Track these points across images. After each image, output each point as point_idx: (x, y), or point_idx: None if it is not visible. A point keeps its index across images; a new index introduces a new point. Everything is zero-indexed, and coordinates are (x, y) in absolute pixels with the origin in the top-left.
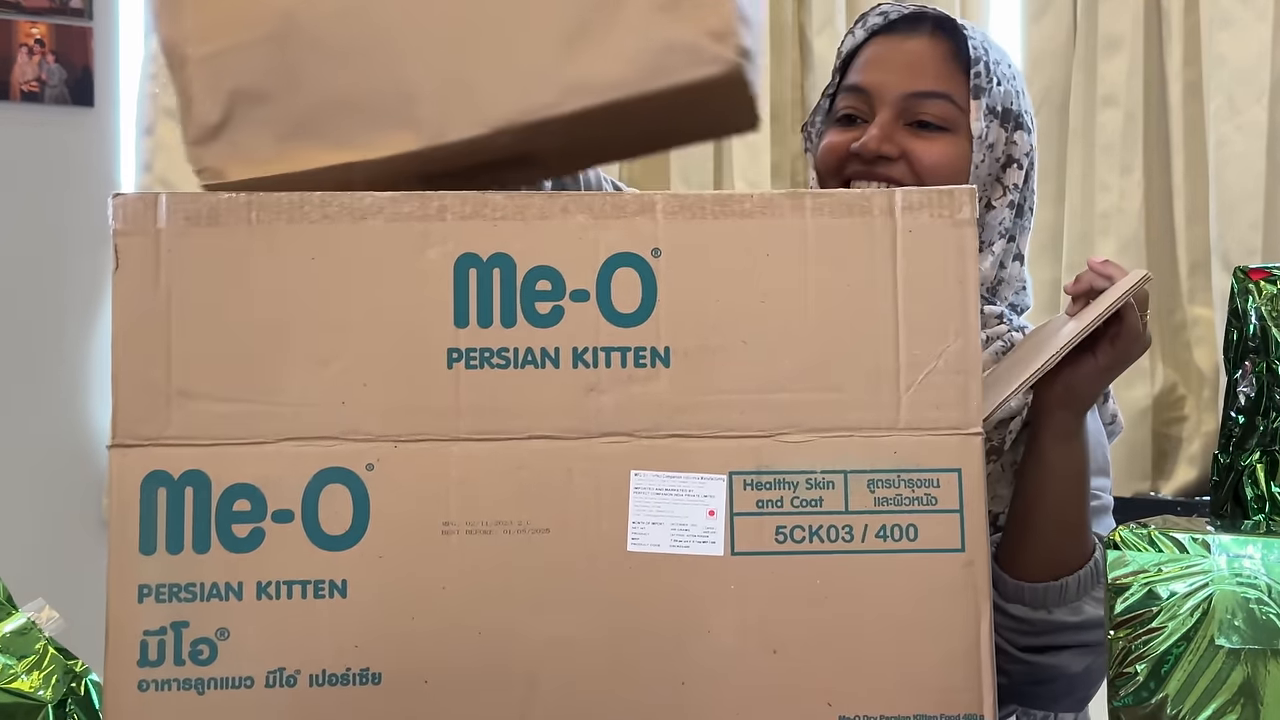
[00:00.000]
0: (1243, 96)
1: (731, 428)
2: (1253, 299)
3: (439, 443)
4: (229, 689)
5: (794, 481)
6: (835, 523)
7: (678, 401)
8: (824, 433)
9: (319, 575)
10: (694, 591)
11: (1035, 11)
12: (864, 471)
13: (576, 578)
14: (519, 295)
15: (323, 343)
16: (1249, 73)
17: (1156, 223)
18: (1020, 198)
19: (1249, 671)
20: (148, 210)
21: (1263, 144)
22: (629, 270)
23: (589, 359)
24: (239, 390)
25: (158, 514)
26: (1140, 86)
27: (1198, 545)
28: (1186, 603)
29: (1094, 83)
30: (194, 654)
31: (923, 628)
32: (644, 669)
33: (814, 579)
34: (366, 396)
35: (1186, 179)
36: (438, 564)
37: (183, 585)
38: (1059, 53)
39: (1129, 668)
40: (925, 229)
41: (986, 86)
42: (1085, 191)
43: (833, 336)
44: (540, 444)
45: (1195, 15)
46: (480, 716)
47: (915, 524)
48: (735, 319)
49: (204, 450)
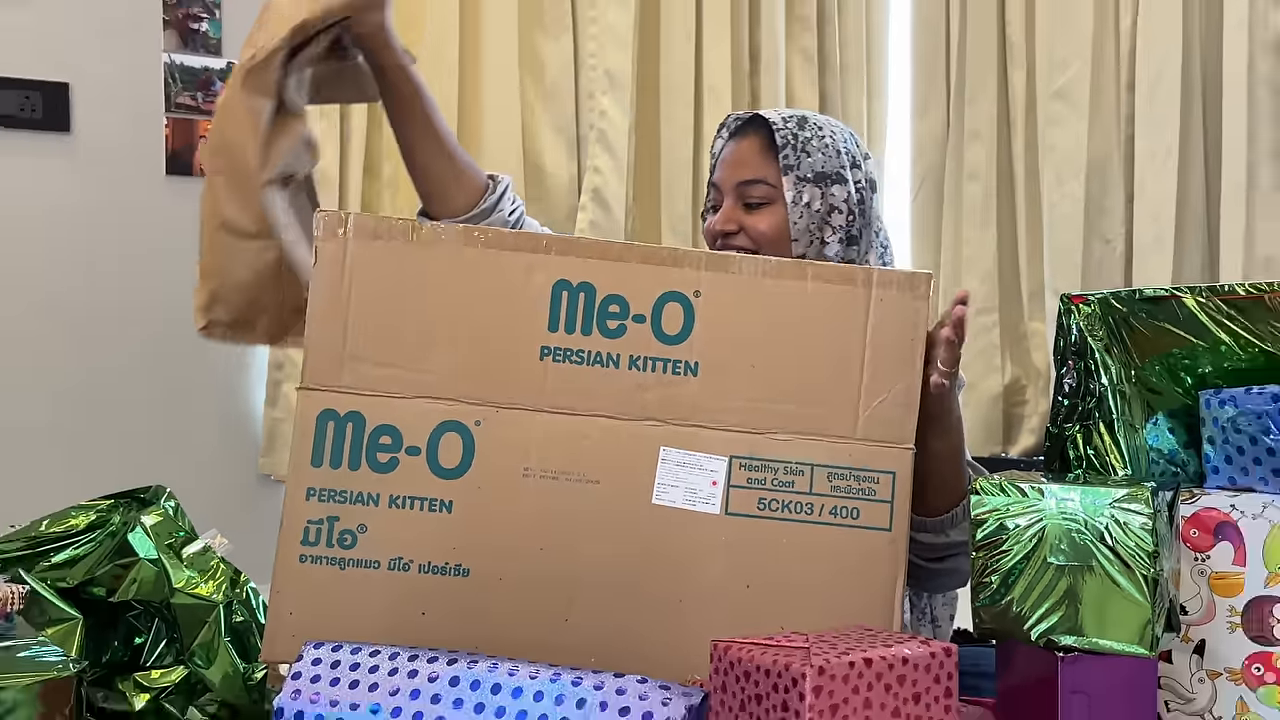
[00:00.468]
0: (1066, 175)
1: (736, 424)
2: (1074, 317)
3: (528, 412)
4: (361, 568)
5: (776, 467)
6: (801, 500)
7: (700, 402)
8: (802, 436)
9: (433, 495)
10: (695, 538)
11: (919, 112)
12: (826, 466)
13: (615, 518)
14: (596, 314)
15: (452, 331)
16: (1071, 157)
17: (1006, 264)
18: (854, 230)
19: (1071, 581)
20: (339, 225)
21: (1081, 208)
22: (676, 304)
23: (640, 365)
24: (391, 358)
25: (326, 439)
26: (994, 167)
27: (1035, 491)
28: (1026, 532)
29: (961, 164)
30: (340, 540)
31: (855, 580)
32: (654, 587)
33: (782, 538)
34: (479, 373)
35: (1027, 233)
36: (518, 497)
37: (337, 491)
38: (937, 142)
39: (986, 579)
40: (893, 299)
41: (795, 163)
42: (955, 242)
43: (816, 368)
44: (600, 421)
45: (1034, 115)
46: (537, 606)
47: (858, 507)
48: (748, 348)
49: (362, 398)
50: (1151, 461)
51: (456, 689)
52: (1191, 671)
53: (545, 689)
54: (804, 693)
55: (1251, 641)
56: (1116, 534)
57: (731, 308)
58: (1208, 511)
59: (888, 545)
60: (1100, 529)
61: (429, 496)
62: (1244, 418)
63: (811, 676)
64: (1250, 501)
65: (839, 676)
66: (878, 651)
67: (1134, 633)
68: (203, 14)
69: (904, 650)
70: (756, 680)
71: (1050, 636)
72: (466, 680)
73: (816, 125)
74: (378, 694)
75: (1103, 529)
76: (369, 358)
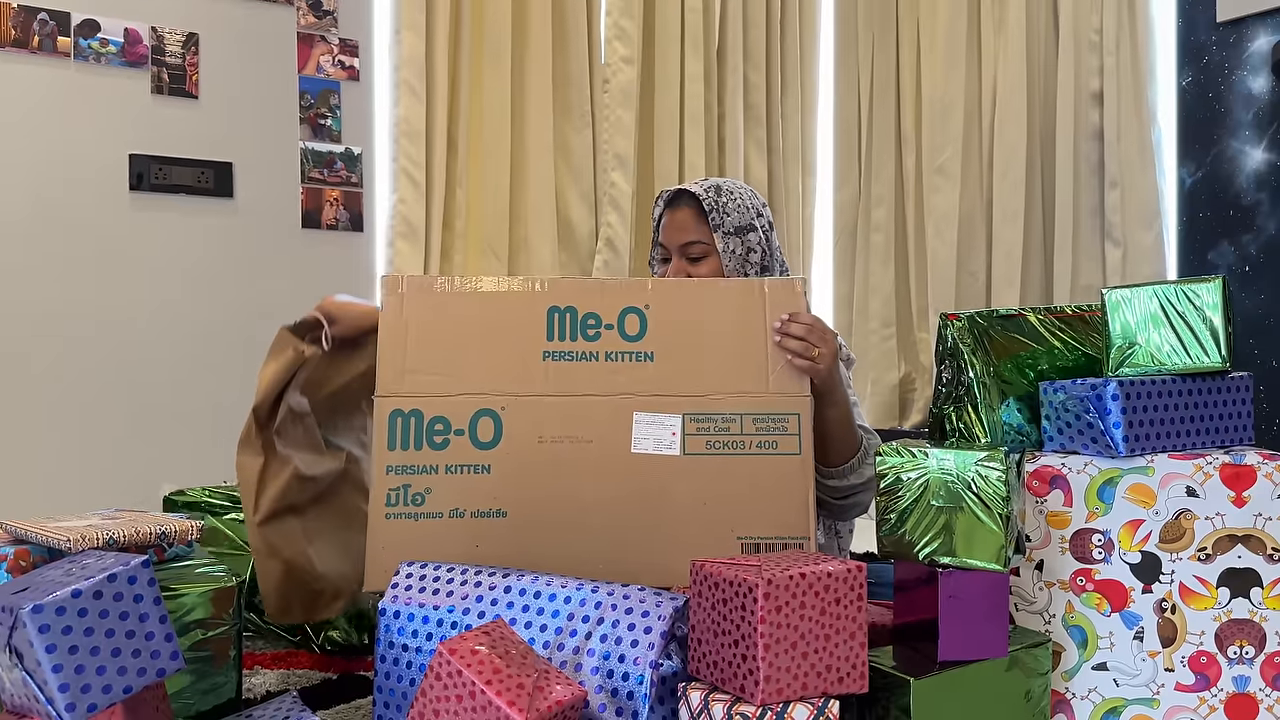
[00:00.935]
0: (944, 228)
1: (685, 392)
2: (949, 329)
3: (537, 397)
4: (429, 519)
5: (715, 418)
6: (736, 439)
7: (658, 379)
8: (730, 395)
9: (476, 462)
10: (665, 473)
11: (839, 184)
12: (750, 414)
13: (608, 465)
14: (579, 326)
15: (481, 347)
16: (947, 216)
17: (900, 291)
18: (765, 262)
19: (947, 518)
20: (398, 283)
21: (954, 252)
22: (634, 314)
23: (613, 357)
24: (438, 369)
25: (396, 430)
26: (893, 223)
27: (921, 454)
28: (916, 483)
29: (869, 221)
30: (413, 500)
31: (777, 492)
32: (640, 515)
33: (725, 467)
34: (501, 374)
35: (915, 269)
36: (537, 458)
37: (408, 466)
38: (852, 205)
39: (887, 516)
40: (779, 299)
41: (720, 223)
42: (864, 276)
43: (736, 349)
44: (589, 398)
45: (920, 185)
46: (560, 539)
47: (776, 440)
48: (687, 339)
49: (419, 399)
50: (1005, 432)
51: (509, 595)
52: (1033, 582)
53: (572, 595)
54: (757, 598)
55: (1076, 561)
56: (979, 484)
57: (673, 314)
58: (1045, 468)
59: (800, 464)
60: (968, 480)
61: (473, 463)
62: (1071, 401)
63: (762, 586)
64: (1075, 461)
65: (782, 586)
66: (810, 568)
67: (992, 554)
68: (327, 112)
69: (828, 567)
70: (723, 589)
71: (933, 557)
72: (516, 589)
73: (729, 190)
74: (453, 599)
75: (969, 480)
76: (422, 370)
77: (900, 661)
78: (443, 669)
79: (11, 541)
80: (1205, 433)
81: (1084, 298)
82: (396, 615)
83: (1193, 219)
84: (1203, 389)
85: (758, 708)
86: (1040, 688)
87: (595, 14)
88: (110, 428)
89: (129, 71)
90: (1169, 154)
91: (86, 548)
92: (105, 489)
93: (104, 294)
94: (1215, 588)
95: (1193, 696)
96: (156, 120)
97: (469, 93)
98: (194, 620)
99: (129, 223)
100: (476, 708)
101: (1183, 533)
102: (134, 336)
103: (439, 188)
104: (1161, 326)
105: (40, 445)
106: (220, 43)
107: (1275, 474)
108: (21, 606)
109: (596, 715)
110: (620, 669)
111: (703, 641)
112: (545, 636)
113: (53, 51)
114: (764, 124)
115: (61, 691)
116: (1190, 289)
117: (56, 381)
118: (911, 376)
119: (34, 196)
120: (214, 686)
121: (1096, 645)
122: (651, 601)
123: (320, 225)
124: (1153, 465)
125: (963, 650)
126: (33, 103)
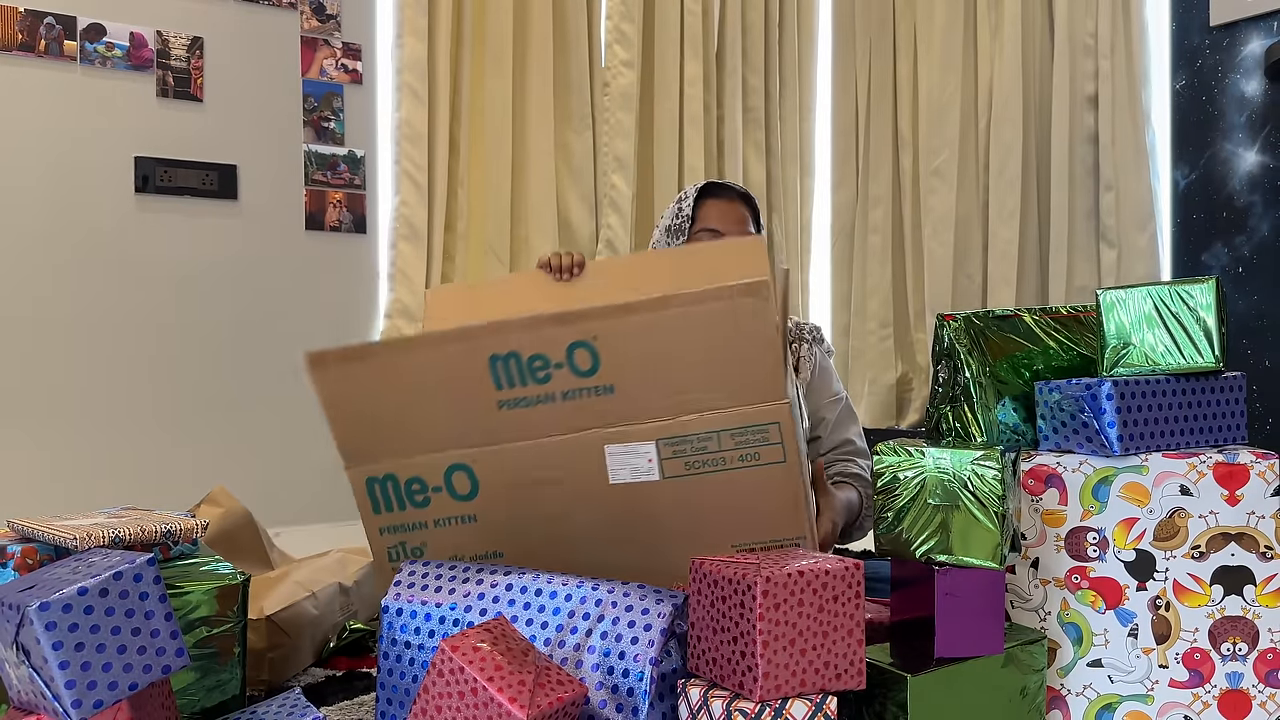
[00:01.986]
0: (941, 229)
1: (653, 417)
2: (946, 329)
3: (505, 445)
4: None
5: (691, 439)
6: (715, 457)
7: (622, 409)
8: (701, 413)
9: (461, 513)
10: (648, 500)
11: (836, 185)
12: (726, 430)
13: (590, 500)
14: (526, 371)
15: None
16: (944, 217)
17: (898, 292)
18: None
19: (944, 516)
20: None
21: (951, 252)
22: (583, 349)
23: (572, 394)
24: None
25: (376, 495)
26: (890, 224)
27: (919, 453)
28: (912, 481)
29: (866, 222)
30: (413, 554)
31: (767, 500)
32: (632, 539)
33: (709, 485)
34: (463, 430)
35: (912, 270)
36: (519, 502)
37: (398, 525)
38: (849, 207)
39: (884, 514)
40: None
41: (755, 213)
42: (862, 277)
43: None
44: (557, 440)
45: (918, 187)
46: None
47: (757, 452)
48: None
49: (389, 464)
50: (1000, 431)
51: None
52: (1029, 580)
53: (573, 593)
54: (756, 595)
55: (1071, 559)
56: (975, 483)
57: (625, 341)
58: (1040, 467)
59: (785, 471)
60: (964, 479)
61: (458, 514)
62: (1066, 401)
63: (761, 584)
64: (1070, 460)
65: (780, 584)
66: (808, 566)
67: (988, 552)
68: (330, 116)
69: (826, 565)
70: (722, 587)
71: (929, 555)
72: (518, 587)
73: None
74: (455, 596)
75: (966, 479)
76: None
77: (897, 658)
78: (445, 665)
79: (18, 539)
80: (1199, 432)
81: (1079, 298)
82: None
83: (1186, 221)
84: (1196, 389)
85: (756, 704)
86: (1035, 684)
87: (595, 18)
88: (114, 428)
89: (134, 75)
90: (1163, 156)
91: (93, 546)
92: (110, 488)
93: (109, 295)
94: (1209, 585)
95: (1186, 693)
96: (162, 123)
97: (470, 96)
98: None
99: (134, 224)
100: (478, 704)
101: (1176, 531)
102: (138, 337)
103: (441, 190)
104: (1155, 327)
105: (45, 445)
106: (225, 46)
107: (1268, 473)
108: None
109: (597, 712)
110: (620, 666)
111: (702, 639)
112: (546, 634)
113: (59, 55)
114: (763, 126)
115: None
116: (1184, 290)
117: (61, 382)
118: (908, 376)
119: (40, 199)
120: (219, 683)
121: (1091, 642)
122: (651, 599)
123: (324, 227)
124: (1147, 464)
125: (959, 647)
126: (39, 106)
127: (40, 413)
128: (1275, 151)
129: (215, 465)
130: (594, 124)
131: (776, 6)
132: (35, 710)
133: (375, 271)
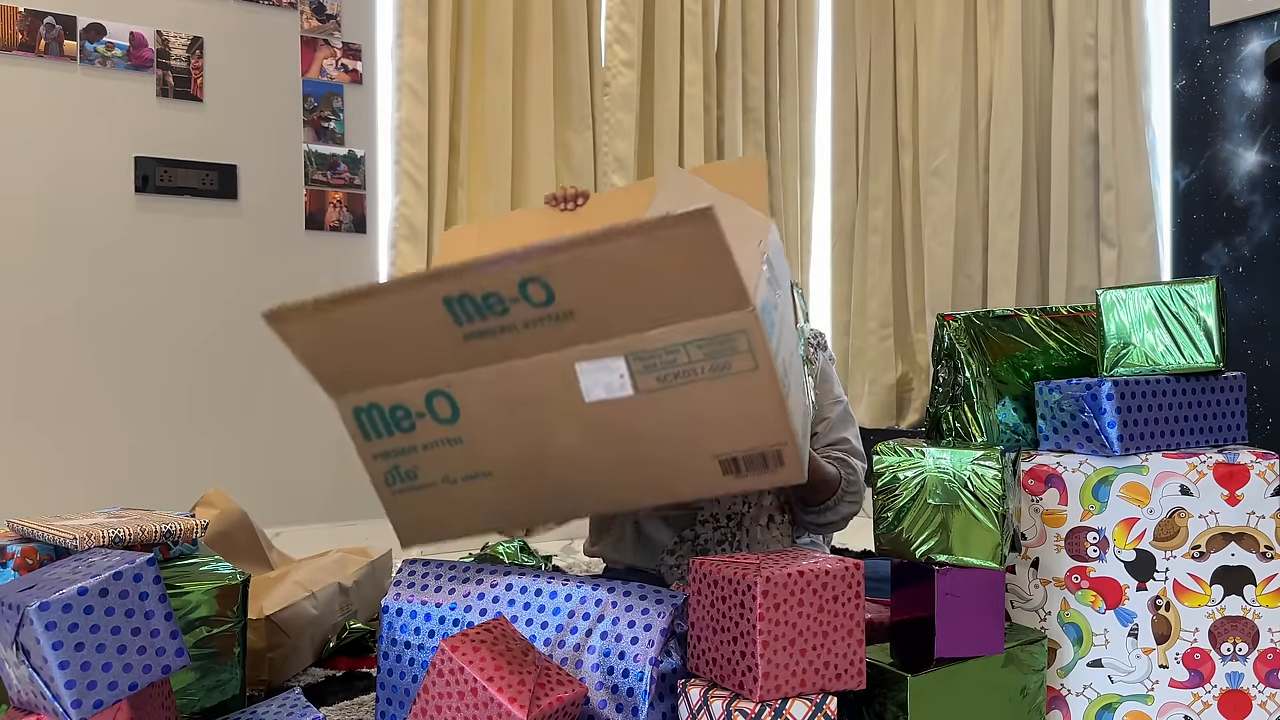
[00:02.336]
0: (941, 229)
1: (618, 333)
2: (946, 329)
3: (477, 368)
4: (430, 488)
5: (658, 353)
6: (685, 369)
7: (586, 330)
8: (666, 326)
9: (446, 437)
10: (626, 413)
11: (836, 185)
12: (693, 341)
13: (569, 419)
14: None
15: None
16: (944, 217)
17: (898, 292)
18: None
19: (944, 516)
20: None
21: (951, 252)
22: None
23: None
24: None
25: (364, 423)
26: (889, 224)
27: (919, 453)
28: (912, 481)
29: (866, 222)
30: (407, 476)
31: (744, 406)
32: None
33: (683, 395)
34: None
35: (912, 270)
36: (498, 422)
37: (389, 451)
38: (849, 207)
39: (884, 514)
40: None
41: None
42: (862, 277)
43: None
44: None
45: (917, 187)
46: (540, 489)
47: (728, 362)
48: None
49: (370, 393)
50: (1000, 431)
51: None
52: (1029, 580)
53: (573, 593)
54: (756, 595)
55: (1071, 559)
56: (975, 483)
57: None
58: (1040, 467)
59: (759, 377)
60: (964, 479)
61: (444, 438)
62: (1066, 401)
63: (761, 584)
64: (1070, 460)
65: (780, 584)
66: (808, 566)
67: (988, 552)
68: (330, 115)
69: (826, 565)
70: (722, 587)
71: (929, 555)
72: (518, 587)
73: None
74: (455, 596)
75: (966, 479)
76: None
77: (897, 658)
78: (445, 666)
79: (18, 539)
80: (1199, 432)
81: (1079, 298)
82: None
83: (1187, 221)
84: (1196, 389)
85: (756, 704)
86: (1035, 684)
87: (595, 18)
88: (114, 428)
89: (134, 75)
90: (1163, 156)
91: (93, 546)
92: (110, 488)
93: (109, 295)
94: (1209, 585)
95: (1186, 693)
96: (162, 123)
97: (470, 96)
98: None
99: (134, 224)
100: (478, 704)
101: (1177, 531)
102: (138, 337)
103: (441, 190)
104: (1156, 327)
105: (45, 445)
106: (225, 46)
107: (1268, 473)
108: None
109: (597, 712)
110: (621, 666)
111: (702, 639)
112: (546, 634)
113: (59, 55)
114: (763, 126)
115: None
116: (1184, 290)
117: (61, 382)
118: (909, 376)
119: (40, 199)
120: (218, 683)
121: (1091, 642)
122: (651, 599)
123: (324, 227)
124: (1147, 464)
125: (959, 647)
126: (39, 106)
127: (40, 413)
128: (1275, 151)
129: (215, 465)
130: (594, 124)
131: (776, 6)
132: (35, 710)
133: (375, 272)
